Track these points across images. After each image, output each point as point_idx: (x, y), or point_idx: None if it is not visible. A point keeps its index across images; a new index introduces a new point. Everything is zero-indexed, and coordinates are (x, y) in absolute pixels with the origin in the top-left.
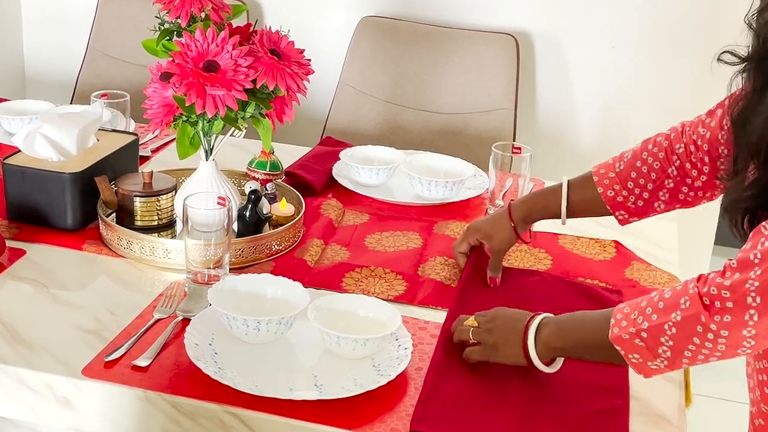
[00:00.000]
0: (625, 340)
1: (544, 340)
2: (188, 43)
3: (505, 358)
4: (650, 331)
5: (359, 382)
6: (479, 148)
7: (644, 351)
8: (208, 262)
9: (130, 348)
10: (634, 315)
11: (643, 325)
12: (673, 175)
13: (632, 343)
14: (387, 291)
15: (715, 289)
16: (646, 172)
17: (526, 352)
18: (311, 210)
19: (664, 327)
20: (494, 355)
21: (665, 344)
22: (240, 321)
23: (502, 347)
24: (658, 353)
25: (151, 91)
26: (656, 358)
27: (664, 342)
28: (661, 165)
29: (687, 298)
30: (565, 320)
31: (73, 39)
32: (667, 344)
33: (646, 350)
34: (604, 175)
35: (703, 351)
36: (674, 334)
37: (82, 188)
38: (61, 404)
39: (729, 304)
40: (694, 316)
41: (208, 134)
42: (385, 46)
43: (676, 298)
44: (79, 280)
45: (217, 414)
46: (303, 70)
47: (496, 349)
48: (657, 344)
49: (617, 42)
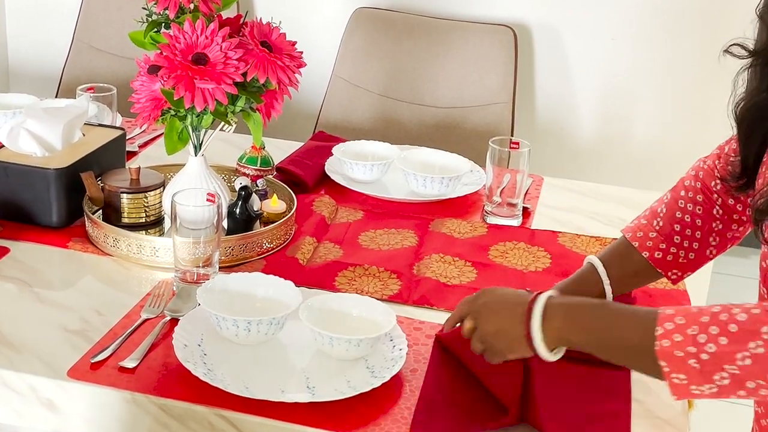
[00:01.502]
0: (677, 357)
1: (554, 326)
2: (177, 35)
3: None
4: (716, 356)
5: (352, 384)
6: (476, 142)
7: (695, 374)
8: (197, 260)
9: (116, 349)
10: (692, 330)
11: (708, 347)
12: (719, 215)
13: (684, 363)
14: (381, 290)
15: None
16: (690, 221)
17: (529, 339)
18: (303, 207)
19: (735, 356)
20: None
21: (728, 371)
22: (230, 321)
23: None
24: (713, 380)
25: (139, 85)
26: (707, 383)
27: (727, 369)
28: (704, 209)
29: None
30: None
31: (59, 30)
32: (731, 372)
33: (698, 373)
34: (645, 238)
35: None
36: (747, 366)
37: (67, 184)
38: (45, 407)
39: None
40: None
41: (197, 129)
42: (379, 39)
43: (756, 324)
44: (65, 279)
45: (206, 417)
46: (295, 63)
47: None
48: (717, 370)
49: (617, 33)
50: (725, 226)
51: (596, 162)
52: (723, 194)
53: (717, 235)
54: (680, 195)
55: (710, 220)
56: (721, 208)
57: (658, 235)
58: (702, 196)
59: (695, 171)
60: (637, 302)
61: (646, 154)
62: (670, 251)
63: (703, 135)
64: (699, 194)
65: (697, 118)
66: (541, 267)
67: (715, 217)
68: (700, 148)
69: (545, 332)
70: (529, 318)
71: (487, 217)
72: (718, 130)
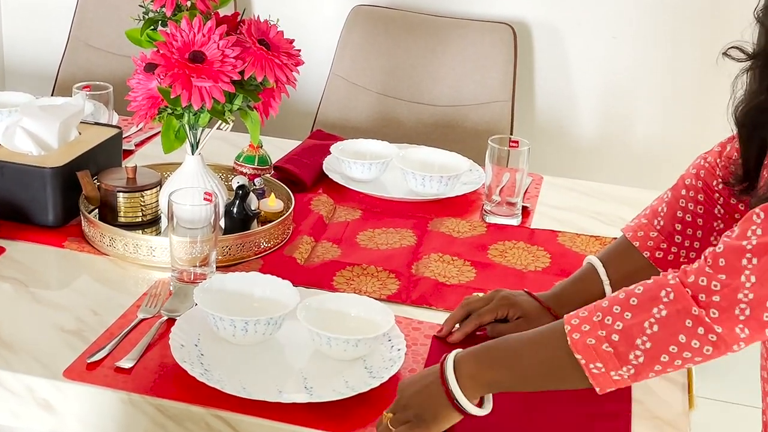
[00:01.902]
0: (590, 346)
1: (469, 374)
2: (173, 33)
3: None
4: (625, 332)
5: (351, 385)
6: (475, 141)
7: (611, 358)
8: (194, 260)
9: (113, 349)
10: (597, 317)
11: (616, 325)
12: (720, 214)
13: (598, 350)
14: (379, 290)
15: (705, 280)
16: (691, 221)
17: (450, 398)
18: (301, 206)
19: (643, 325)
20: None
21: (641, 347)
22: (227, 321)
23: (427, 407)
24: (629, 359)
25: (135, 83)
26: (624, 365)
27: (639, 345)
28: (705, 208)
29: (669, 290)
30: (489, 348)
31: (54, 28)
32: (644, 347)
33: (613, 357)
34: (646, 237)
35: (684, 354)
36: (656, 332)
37: (63, 183)
38: (41, 407)
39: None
40: (683, 310)
41: (194, 127)
42: (377, 36)
43: (654, 291)
44: (61, 279)
45: (203, 417)
46: (292, 61)
47: (422, 417)
48: (630, 348)
49: (618, 32)
50: (726, 225)
51: (596, 161)
52: (724, 193)
53: (718, 235)
54: (681, 194)
55: (711, 219)
56: (722, 207)
57: (659, 234)
58: (703, 195)
59: (696, 169)
60: None
61: (646, 153)
62: (671, 251)
63: (704, 133)
64: (700, 193)
65: (698, 117)
66: (541, 267)
67: (716, 216)
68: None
69: (462, 383)
70: (443, 377)
71: (486, 216)
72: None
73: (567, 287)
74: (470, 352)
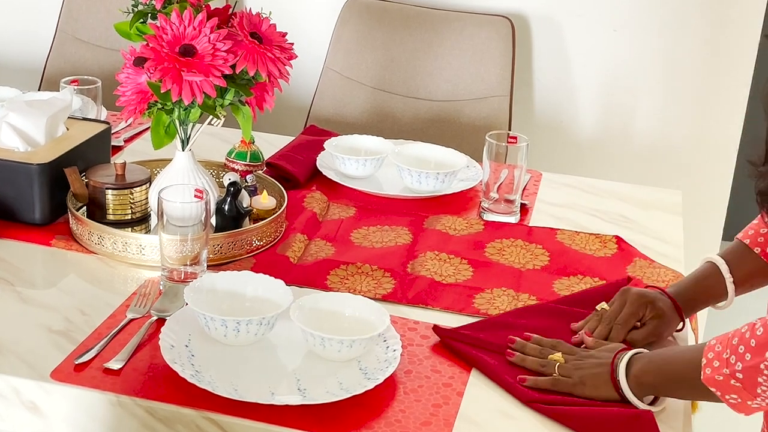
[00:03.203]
0: (719, 381)
1: (635, 374)
2: (163, 26)
3: (595, 392)
4: (745, 372)
5: (345, 386)
6: (473, 137)
7: (742, 391)
8: (185, 258)
9: (101, 350)
10: (726, 354)
11: (737, 366)
12: None
13: (728, 384)
14: (374, 289)
15: None
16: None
17: (617, 387)
18: (294, 203)
19: (759, 367)
20: (581, 389)
21: (764, 384)
22: (218, 321)
23: (591, 381)
24: (758, 393)
25: (124, 77)
26: (756, 397)
27: (762, 382)
28: None
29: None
30: (657, 356)
31: (41, 21)
32: (766, 384)
33: (743, 390)
34: (756, 235)
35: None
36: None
37: (50, 180)
38: (28, 409)
39: None
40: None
41: (185, 123)
42: (372, 29)
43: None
44: (48, 278)
45: (194, 420)
46: (285, 55)
47: (584, 383)
48: (755, 384)
49: (619, 24)
50: None
51: (596, 157)
52: None
53: None
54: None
55: None
56: None
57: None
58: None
59: None
60: None
61: (647, 149)
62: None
63: (707, 129)
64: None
65: (700, 112)
66: (539, 265)
67: None
68: (703, 143)
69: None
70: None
71: (483, 213)
72: (721, 123)
73: (690, 286)
74: (645, 355)
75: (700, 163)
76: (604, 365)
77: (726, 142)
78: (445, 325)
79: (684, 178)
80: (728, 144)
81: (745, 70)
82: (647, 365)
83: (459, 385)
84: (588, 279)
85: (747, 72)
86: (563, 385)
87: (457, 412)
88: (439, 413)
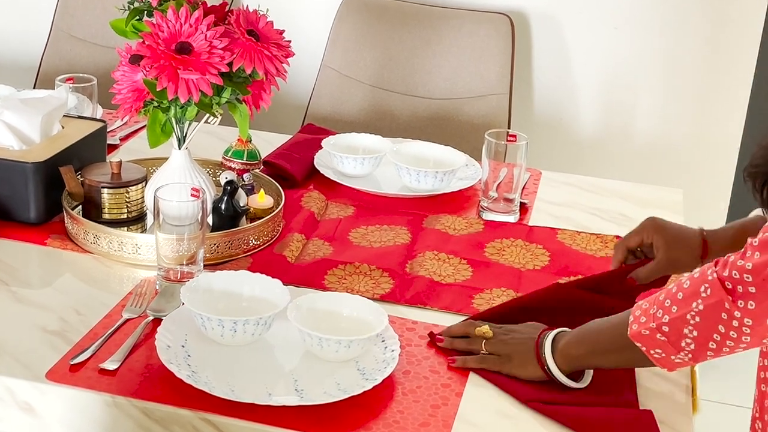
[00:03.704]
0: (645, 336)
1: (560, 348)
2: (159, 24)
3: (522, 370)
4: (671, 324)
5: (343, 387)
6: (472, 135)
7: (666, 345)
8: (181, 258)
9: (97, 350)
10: (653, 309)
11: (664, 318)
12: None
13: (653, 339)
14: (373, 289)
15: (737, 273)
16: None
17: (541, 363)
18: (291, 202)
19: (686, 318)
20: (508, 367)
21: (688, 336)
22: (215, 321)
23: (518, 359)
24: (681, 347)
25: (120, 75)
26: (680, 351)
27: (687, 334)
28: None
29: (707, 285)
30: (581, 328)
31: (37, 18)
32: (691, 335)
33: (668, 344)
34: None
35: (728, 342)
36: (697, 323)
37: (45, 179)
38: (23, 410)
39: (752, 289)
40: (716, 304)
41: (181, 121)
42: (370, 27)
43: (696, 286)
44: (43, 278)
45: (190, 421)
46: (282, 53)
47: (510, 361)
48: (680, 337)
49: (620, 22)
50: None
51: (597, 155)
52: None
53: None
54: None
55: None
56: None
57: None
58: None
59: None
60: None
61: (648, 147)
62: None
63: (708, 127)
64: None
65: (701, 110)
66: (539, 265)
67: None
68: (703, 141)
69: (555, 354)
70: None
71: (482, 213)
72: (722, 121)
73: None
74: (570, 330)
75: (701, 162)
76: (530, 341)
77: (727, 140)
78: (444, 325)
79: (685, 176)
80: (729, 142)
81: (746, 67)
82: (573, 337)
83: (458, 385)
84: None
85: (748, 70)
86: (491, 363)
87: (456, 413)
88: (438, 414)
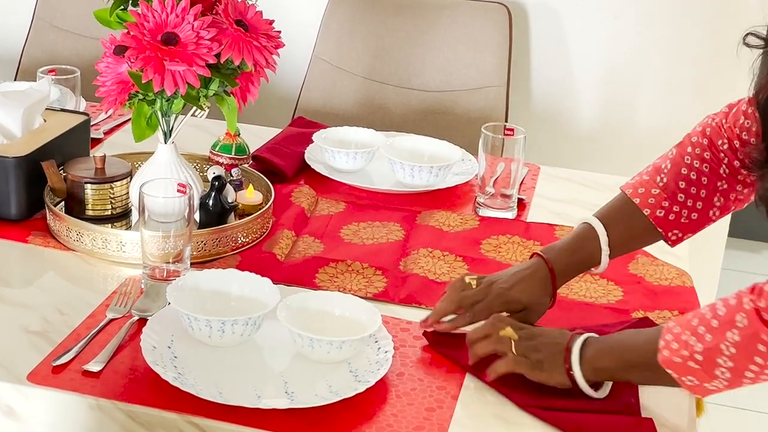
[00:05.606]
0: (677, 363)
1: (588, 359)
2: (145, 13)
3: (549, 377)
4: (705, 353)
5: (334, 389)
6: (468, 129)
7: (700, 373)
8: (167, 255)
9: (80, 351)
10: (685, 336)
11: (697, 347)
12: (726, 174)
13: (685, 366)
14: (365, 288)
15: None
16: (696, 179)
17: (569, 373)
18: (281, 198)
19: (720, 348)
20: (538, 373)
21: (723, 366)
22: (202, 321)
23: (548, 365)
24: (716, 375)
25: (104, 67)
26: (714, 379)
27: (721, 364)
28: (710, 167)
29: (744, 315)
30: (611, 339)
31: (17, 8)
32: (726, 365)
33: (702, 372)
34: (647, 195)
35: (766, 371)
36: (733, 354)
37: (27, 174)
38: (4, 413)
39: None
40: (753, 335)
41: (167, 114)
42: (363, 17)
43: (731, 314)
44: (24, 276)
45: (176, 424)
46: (272, 43)
47: (541, 367)
48: (714, 366)
49: (620, 12)
50: (730, 187)
51: (596, 150)
52: (730, 154)
53: (721, 196)
54: (687, 151)
55: (716, 178)
56: (727, 167)
57: (661, 192)
58: (709, 154)
59: (702, 127)
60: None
61: (649, 142)
62: (673, 210)
63: None
64: (706, 151)
65: (704, 104)
66: None
67: (721, 176)
68: None
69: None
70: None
71: (479, 209)
72: None
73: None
74: (597, 339)
75: None
76: (559, 346)
77: None
78: None
79: None
80: None
81: (749, 60)
82: (602, 349)
83: (453, 388)
84: (588, 277)
85: (751, 61)
86: (524, 367)
87: (452, 417)
88: (433, 417)
